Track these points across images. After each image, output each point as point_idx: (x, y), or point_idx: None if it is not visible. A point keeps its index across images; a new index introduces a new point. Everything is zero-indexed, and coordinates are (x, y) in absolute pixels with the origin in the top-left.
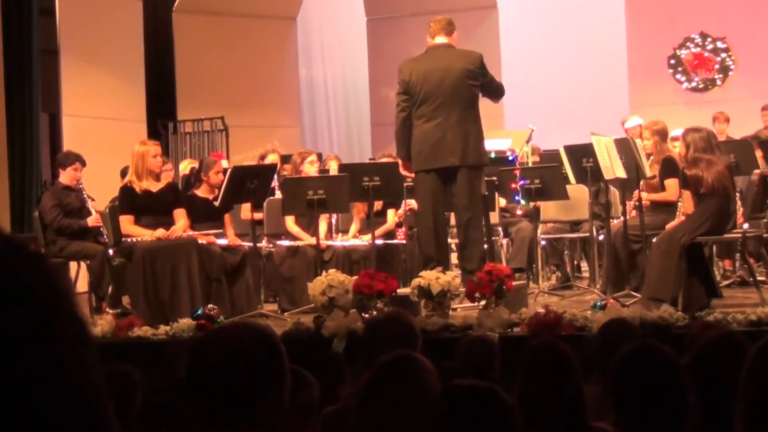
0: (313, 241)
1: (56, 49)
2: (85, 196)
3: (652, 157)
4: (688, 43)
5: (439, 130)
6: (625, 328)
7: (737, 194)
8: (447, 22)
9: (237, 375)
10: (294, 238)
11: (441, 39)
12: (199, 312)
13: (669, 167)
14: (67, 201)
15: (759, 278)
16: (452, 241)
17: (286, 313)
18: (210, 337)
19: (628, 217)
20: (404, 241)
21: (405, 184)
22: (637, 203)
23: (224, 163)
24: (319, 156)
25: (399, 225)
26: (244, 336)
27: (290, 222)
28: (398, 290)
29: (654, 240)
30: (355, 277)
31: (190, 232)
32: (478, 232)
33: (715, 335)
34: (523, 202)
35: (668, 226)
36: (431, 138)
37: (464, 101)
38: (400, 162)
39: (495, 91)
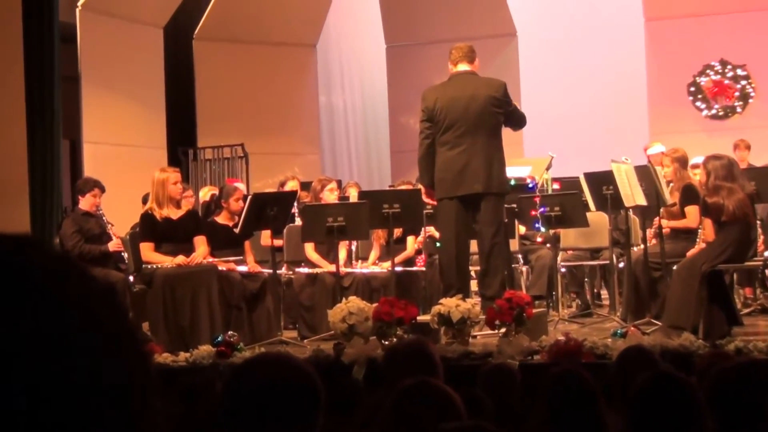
0: (332, 268)
1: (77, 76)
2: (105, 221)
3: (671, 184)
4: (707, 71)
5: (463, 157)
6: (643, 355)
7: (758, 222)
8: (469, 49)
9: (272, 412)
10: (313, 265)
11: (464, 66)
12: (219, 339)
13: (689, 194)
14: (87, 227)
15: None
16: (472, 269)
17: (305, 340)
18: (250, 369)
19: (648, 244)
20: (424, 268)
21: (425, 211)
22: (657, 230)
23: (240, 186)
24: (339, 183)
25: (419, 252)
26: (284, 373)
27: (309, 249)
28: (418, 317)
29: (674, 267)
30: (374, 305)
31: (210, 259)
32: (500, 260)
33: (738, 362)
34: (543, 229)
35: (689, 254)
36: (455, 165)
37: (488, 128)
38: (422, 189)
39: (518, 121)
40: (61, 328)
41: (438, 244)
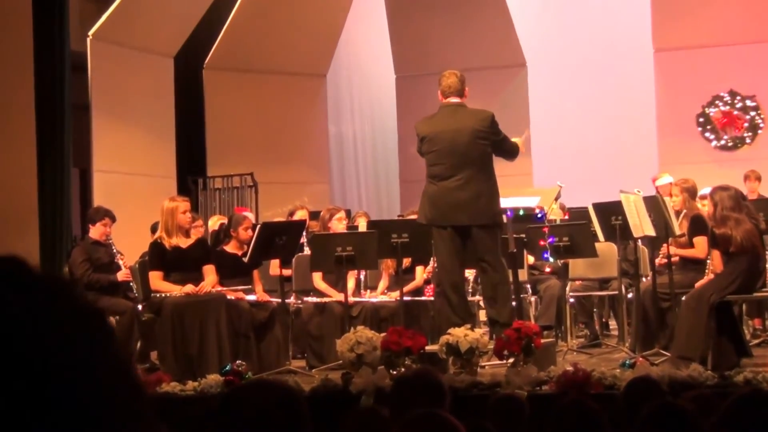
0: (341, 297)
1: (87, 105)
2: (114, 250)
3: (682, 213)
4: (717, 102)
5: (451, 190)
6: (649, 386)
7: (767, 253)
8: (459, 82)
9: None
10: (322, 294)
11: (453, 99)
12: (228, 368)
13: (698, 225)
14: (96, 256)
15: None
16: (477, 299)
17: (314, 370)
18: (235, 396)
19: (656, 268)
20: (432, 298)
21: (433, 241)
22: (665, 258)
23: (249, 215)
24: (348, 213)
25: (427, 282)
26: (268, 396)
27: (317, 278)
28: (426, 347)
29: (683, 298)
30: (383, 334)
31: (219, 288)
32: (506, 288)
33: (745, 392)
34: (551, 259)
35: (697, 285)
36: (443, 198)
37: (476, 161)
38: None
39: (508, 151)
40: (45, 349)
41: None
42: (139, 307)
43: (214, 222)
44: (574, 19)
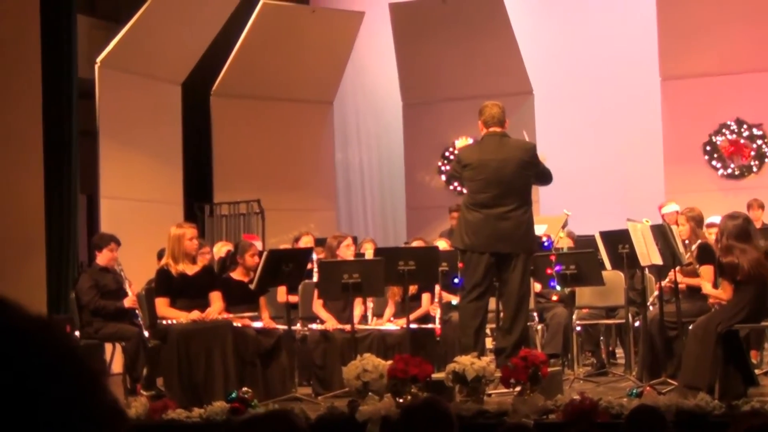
0: (339, 324)
1: (95, 131)
2: (122, 276)
3: (697, 242)
4: (723, 130)
5: (495, 219)
6: (653, 415)
7: None
8: (501, 111)
9: None
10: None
11: (496, 129)
12: (233, 395)
13: (705, 253)
14: (103, 282)
15: None
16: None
17: (320, 397)
18: (241, 429)
19: (662, 295)
20: (439, 326)
21: (440, 269)
22: (672, 285)
23: (257, 244)
24: (355, 239)
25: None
26: (274, 429)
27: (317, 304)
28: (433, 375)
29: (690, 327)
30: (389, 362)
31: (225, 315)
32: (522, 324)
33: (757, 423)
34: (558, 287)
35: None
36: (486, 226)
37: (519, 191)
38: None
39: (545, 178)
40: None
41: (453, 302)
42: (146, 333)
43: (219, 248)
44: (581, 47)
